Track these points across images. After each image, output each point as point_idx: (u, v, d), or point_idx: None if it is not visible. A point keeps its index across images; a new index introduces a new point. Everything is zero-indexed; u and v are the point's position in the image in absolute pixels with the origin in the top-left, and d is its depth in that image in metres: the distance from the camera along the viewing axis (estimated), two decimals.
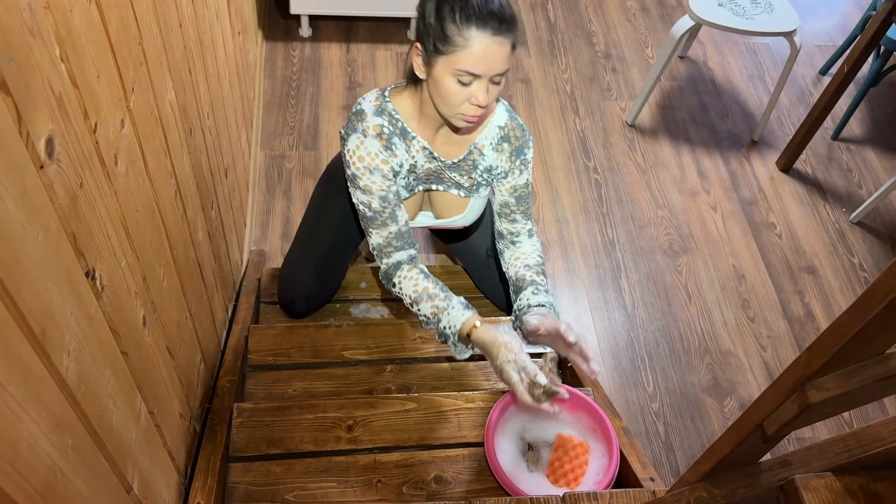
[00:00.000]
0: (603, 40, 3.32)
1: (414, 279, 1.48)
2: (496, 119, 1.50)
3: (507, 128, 1.50)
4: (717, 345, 2.33)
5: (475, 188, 1.57)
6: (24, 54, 0.64)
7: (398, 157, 1.46)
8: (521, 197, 1.55)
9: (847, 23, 3.55)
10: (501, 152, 1.51)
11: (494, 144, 1.50)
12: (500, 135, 1.50)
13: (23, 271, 0.63)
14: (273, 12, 3.20)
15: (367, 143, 1.41)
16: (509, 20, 1.25)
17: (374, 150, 1.42)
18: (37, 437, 0.66)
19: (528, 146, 1.52)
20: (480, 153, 1.51)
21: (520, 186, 1.54)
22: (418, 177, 1.54)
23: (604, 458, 1.49)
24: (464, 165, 1.52)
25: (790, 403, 0.80)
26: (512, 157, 1.51)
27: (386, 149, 1.43)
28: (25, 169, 0.64)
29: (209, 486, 1.33)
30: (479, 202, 1.62)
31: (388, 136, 1.43)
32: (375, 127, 1.42)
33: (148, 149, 1.08)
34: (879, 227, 2.71)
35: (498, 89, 1.32)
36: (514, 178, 1.53)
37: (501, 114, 1.50)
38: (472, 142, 1.50)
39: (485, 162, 1.52)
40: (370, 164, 1.42)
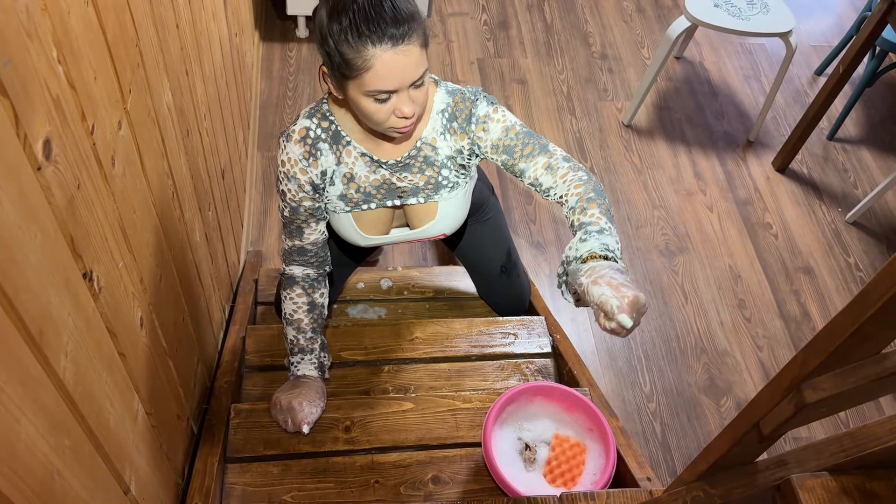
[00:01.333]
0: (599, 41, 3.32)
1: (295, 304, 1.51)
2: (436, 106, 1.35)
3: (450, 106, 1.34)
4: (714, 345, 2.33)
5: (436, 188, 1.42)
6: (22, 56, 0.64)
7: (320, 165, 1.35)
8: (510, 148, 1.32)
9: (842, 23, 3.56)
10: (454, 132, 1.36)
11: (444, 131, 1.36)
12: (445, 118, 1.35)
13: (20, 273, 0.63)
14: (270, 13, 3.20)
15: (289, 148, 1.33)
16: (407, 21, 1.11)
17: (294, 156, 1.33)
18: (34, 438, 0.66)
19: (477, 104, 1.33)
20: (432, 147, 1.37)
21: (498, 140, 1.33)
22: (366, 192, 1.41)
23: (601, 457, 1.50)
24: (413, 164, 1.38)
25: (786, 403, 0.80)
26: (465, 127, 1.34)
27: (307, 156, 1.33)
28: (23, 171, 0.64)
29: (206, 486, 1.33)
30: (452, 204, 1.45)
31: (313, 140, 1.33)
32: (301, 130, 1.33)
33: (145, 150, 1.08)
34: (875, 227, 2.71)
35: (422, 90, 1.20)
36: (488, 138, 1.33)
37: (441, 98, 1.35)
38: (418, 138, 1.36)
39: (441, 154, 1.38)
40: (288, 171, 1.35)
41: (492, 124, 1.32)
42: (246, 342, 1.78)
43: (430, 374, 1.77)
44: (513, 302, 1.97)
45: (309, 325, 1.52)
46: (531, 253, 2.49)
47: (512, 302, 1.97)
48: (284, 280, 1.51)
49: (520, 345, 1.86)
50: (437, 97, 1.35)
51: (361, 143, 1.34)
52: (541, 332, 1.90)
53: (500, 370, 1.81)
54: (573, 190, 1.28)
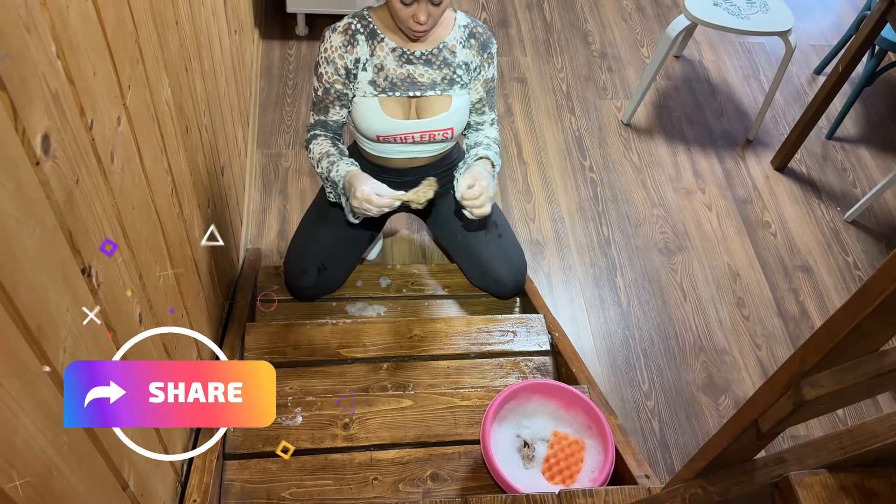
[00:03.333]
0: (599, 40, 3.32)
1: (321, 143, 1.72)
2: (459, 20, 1.68)
3: (471, 25, 1.68)
4: (712, 343, 2.33)
5: (451, 83, 1.70)
6: (20, 50, 0.64)
7: (356, 52, 1.62)
8: (491, 90, 1.76)
9: (842, 23, 3.56)
10: (471, 48, 1.68)
11: (463, 41, 1.67)
12: (466, 32, 1.68)
13: (18, 267, 0.63)
14: (270, 11, 3.20)
15: (333, 37, 1.63)
16: None
17: (336, 43, 1.62)
18: (32, 433, 0.66)
19: (492, 41, 1.71)
20: (451, 52, 1.67)
21: (489, 80, 1.73)
22: (392, 81, 1.66)
23: (599, 455, 1.50)
24: (434, 60, 1.66)
25: (785, 400, 0.80)
26: (480, 51, 1.69)
27: (346, 44, 1.62)
28: (21, 165, 0.64)
29: (205, 483, 1.33)
30: (462, 101, 1.72)
31: (353, 32, 1.62)
32: (345, 25, 1.63)
33: (144, 146, 1.08)
34: (874, 226, 2.72)
35: (440, 10, 1.50)
36: (485, 72, 1.72)
37: (462, 17, 1.69)
38: (442, 39, 1.66)
39: (457, 58, 1.68)
40: (329, 56, 1.63)
41: (492, 65, 1.72)
42: (245, 339, 1.78)
43: (429, 371, 1.77)
44: (504, 265, 1.96)
45: (336, 151, 1.71)
46: (531, 251, 2.49)
47: (503, 265, 1.96)
48: (309, 139, 1.75)
49: (519, 342, 1.86)
50: (459, 16, 1.69)
51: (394, 40, 1.63)
52: (540, 330, 1.90)
53: (499, 368, 1.81)
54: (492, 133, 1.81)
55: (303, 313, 2.06)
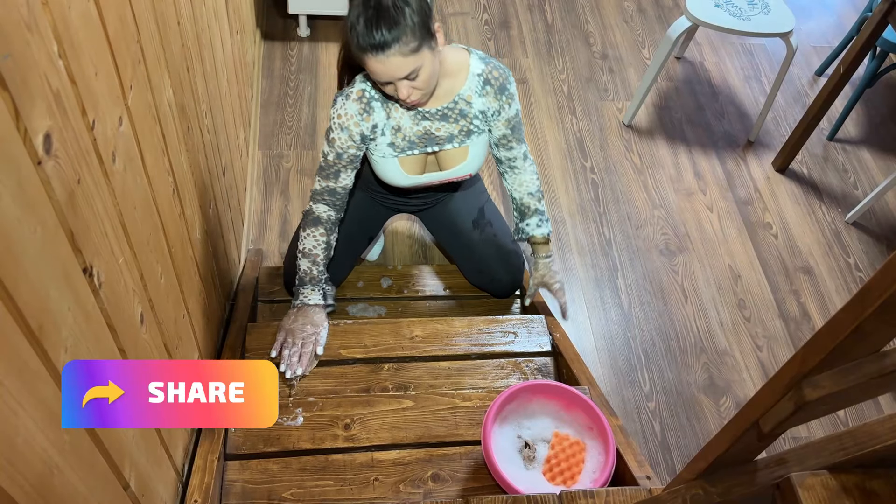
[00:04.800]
0: (600, 41, 3.32)
1: (316, 241, 1.73)
2: (473, 69, 1.64)
3: (485, 72, 1.64)
4: (713, 344, 2.33)
5: (468, 134, 1.70)
6: (22, 50, 0.64)
7: (372, 119, 1.61)
8: (516, 126, 1.74)
9: (843, 24, 3.56)
10: (487, 95, 1.66)
11: (479, 90, 1.65)
12: (481, 81, 1.64)
13: (19, 266, 0.63)
14: (271, 12, 3.20)
15: (347, 104, 1.59)
16: (390, 43, 1.37)
17: (352, 111, 1.59)
18: (33, 432, 0.66)
19: (509, 81, 1.67)
20: (467, 102, 1.65)
21: (512, 117, 1.71)
22: (410, 140, 1.67)
23: (600, 456, 1.50)
24: (451, 114, 1.66)
25: (786, 401, 0.80)
26: (497, 95, 1.66)
27: (362, 112, 1.60)
28: (23, 164, 0.64)
29: (206, 483, 1.33)
30: (477, 149, 1.74)
31: (368, 99, 1.59)
32: (358, 91, 1.59)
33: (146, 147, 1.08)
34: (875, 228, 2.71)
35: (421, 79, 1.46)
36: (506, 112, 1.69)
37: (476, 63, 1.64)
38: (457, 93, 1.64)
39: (474, 108, 1.67)
40: (343, 123, 1.60)
41: (514, 103, 1.69)
42: (246, 340, 1.78)
43: (429, 372, 1.77)
44: (500, 264, 2.01)
45: (323, 260, 1.76)
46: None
47: (499, 264, 2.00)
48: (309, 219, 1.74)
49: (519, 343, 1.86)
50: (473, 62, 1.64)
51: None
52: (540, 331, 1.90)
53: (500, 369, 1.81)
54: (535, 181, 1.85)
55: None
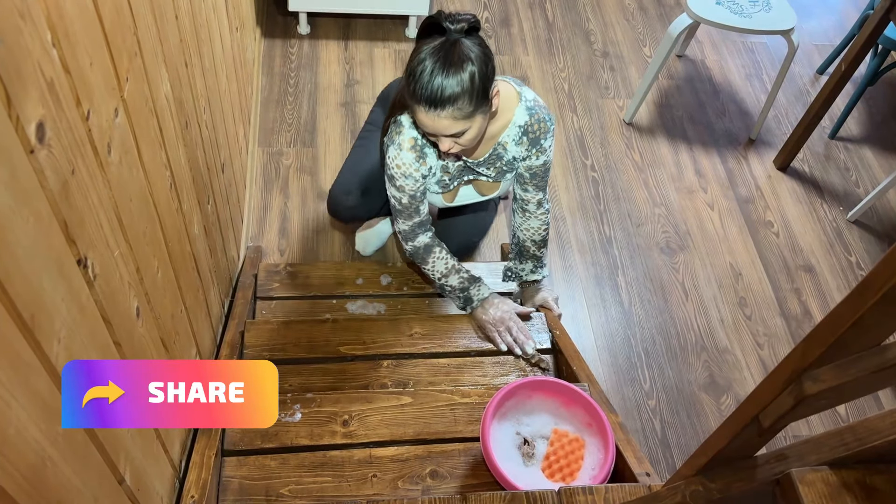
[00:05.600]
0: (601, 39, 3.32)
1: (445, 259, 1.87)
2: (517, 119, 1.69)
3: (527, 125, 1.69)
4: (714, 342, 2.32)
5: (501, 173, 1.82)
6: (14, 37, 0.63)
7: (428, 163, 1.70)
8: (536, 174, 1.80)
9: (845, 22, 3.55)
10: (522, 144, 1.72)
11: (516, 140, 1.72)
12: (521, 132, 1.70)
13: (12, 256, 0.63)
14: (271, 9, 3.20)
15: (403, 155, 1.67)
16: (446, 101, 1.42)
17: (408, 160, 1.68)
18: (25, 423, 0.66)
19: (546, 137, 1.72)
20: (504, 148, 1.73)
21: (535, 166, 1.78)
22: (452, 175, 1.79)
23: (599, 452, 1.49)
24: (489, 161, 1.76)
25: (786, 395, 0.79)
26: (529, 147, 1.73)
27: (418, 158, 1.68)
28: (15, 153, 0.64)
29: (203, 479, 1.32)
30: (508, 183, 1.89)
31: (420, 146, 1.67)
32: (410, 140, 1.66)
33: (142, 139, 1.07)
34: (876, 226, 2.71)
35: (466, 137, 1.51)
36: (531, 161, 1.76)
37: (521, 114, 1.69)
38: (497, 140, 1.72)
39: (508, 154, 1.75)
40: (406, 172, 1.69)
41: (542, 156, 1.76)
42: (245, 337, 1.78)
43: (429, 369, 1.77)
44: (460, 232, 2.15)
45: (457, 266, 1.89)
46: None
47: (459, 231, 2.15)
48: (422, 251, 1.86)
49: None
50: (518, 112, 1.69)
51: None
52: (540, 328, 1.89)
53: (499, 366, 1.81)
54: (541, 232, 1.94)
55: (303, 311, 2.05)
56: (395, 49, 3.09)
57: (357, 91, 2.90)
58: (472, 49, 1.42)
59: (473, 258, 2.42)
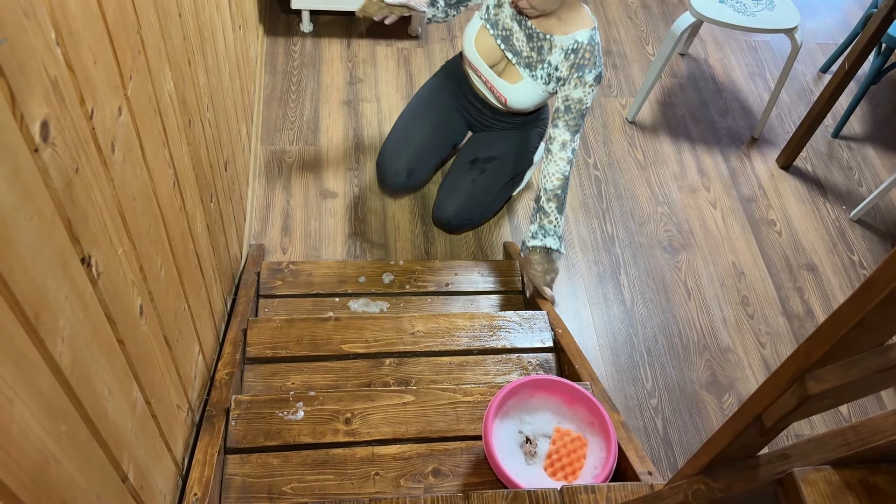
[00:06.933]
0: (604, 37, 3.31)
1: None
2: (579, 35, 1.80)
3: (582, 46, 1.80)
4: (716, 341, 2.32)
5: (529, 66, 1.88)
6: (18, 35, 0.63)
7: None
8: (569, 108, 1.84)
9: (848, 20, 3.54)
10: (567, 60, 1.81)
11: (566, 50, 1.81)
12: (574, 47, 1.80)
13: (15, 254, 0.63)
14: (274, 7, 3.20)
15: None
16: None
17: None
18: (29, 421, 0.66)
19: (592, 71, 1.80)
20: (551, 49, 1.83)
21: (572, 98, 1.83)
22: (496, 20, 1.90)
23: (602, 451, 1.49)
24: (534, 40, 1.85)
25: (789, 395, 0.79)
26: (572, 69, 1.81)
27: None
28: (19, 151, 0.64)
29: (206, 477, 1.32)
30: (527, 88, 1.92)
31: None
32: None
33: (146, 138, 1.07)
34: (879, 225, 2.70)
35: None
36: (569, 89, 1.82)
37: (584, 34, 1.80)
38: (553, 34, 1.82)
39: (551, 58, 1.84)
40: None
41: (580, 88, 1.82)
42: (247, 334, 1.78)
43: (431, 367, 1.77)
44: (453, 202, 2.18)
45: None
46: None
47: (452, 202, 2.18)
48: None
49: (521, 339, 1.86)
50: (583, 32, 1.81)
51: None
52: (542, 327, 1.89)
53: (502, 364, 1.81)
54: (553, 180, 1.90)
55: (305, 309, 2.06)
56: (398, 47, 3.09)
57: (359, 89, 2.90)
58: None
59: (475, 256, 2.42)
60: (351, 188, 2.57)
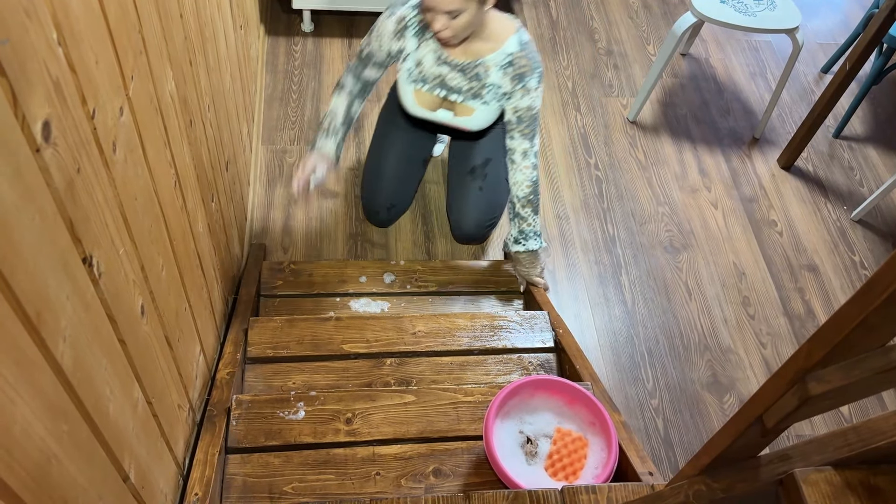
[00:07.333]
0: (605, 37, 3.31)
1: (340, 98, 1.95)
2: (508, 47, 1.76)
3: (515, 55, 1.76)
4: (717, 341, 2.32)
5: (475, 96, 1.85)
6: (20, 35, 0.63)
7: (401, 44, 1.82)
8: (521, 118, 1.82)
9: (849, 21, 3.54)
10: (506, 75, 1.78)
11: (501, 66, 1.77)
12: (508, 60, 1.77)
13: (17, 254, 0.63)
14: (275, 7, 3.20)
15: (387, 22, 1.81)
16: None
17: (389, 29, 1.81)
18: (31, 421, 0.66)
19: (533, 75, 1.77)
20: (487, 71, 1.79)
21: (521, 108, 1.81)
22: (425, 76, 1.87)
23: (602, 451, 1.49)
24: (468, 72, 1.81)
25: (790, 395, 0.79)
26: (514, 81, 1.77)
27: (396, 33, 1.80)
28: (21, 151, 0.64)
29: (207, 477, 1.32)
30: (483, 114, 1.90)
31: (405, 27, 1.79)
32: (400, 15, 1.79)
33: (147, 138, 1.08)
34: (880, 225, 2.70)
35: (460, 21, 1.61)
36: (516, 101, 1.80)
37: (513, 43, 1.76)
38: (482, 57, 1.79)
39: (489, 79, 1.80)
40: (380, 34, 1.83)
41: (527, 98, 1.79)
42: (248, 334, 1.78)
43: (432, 367, 1.77)
44: (469, 213, 2.16)
45: (342, 118, 1.96)
46: None
47: (468, 213, 2.16)
48: (336, 88, 1.98)
49: (522, 339, 1.86)
50: (511, 41, 1.77)
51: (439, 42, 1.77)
52: (543, 327, 1.89)
53: (503, 364, 1.81)
54: (523, 188, 1.91)
55: (306, 308, 2.06)
56: None
57: None
58: None
59: (475, 256, 2.42)
60: (352, 188, 2.57)
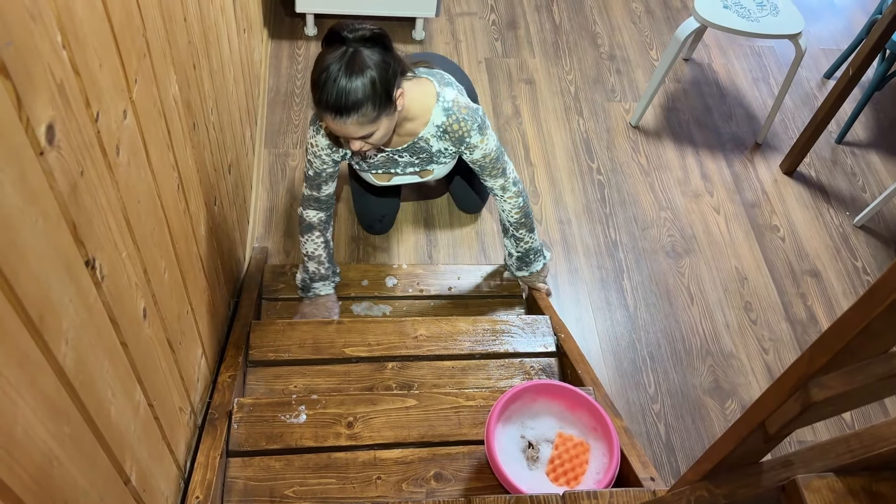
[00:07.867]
0: (608, 42, 3.31)
1: (316, 244, 1.94)
2: (434, 118, 1.74)
3: (445, 125, 1.75)
4: (719, 347, 2.32)
5: (429, 161, 1.88)
6: (25, 38, 0.64)
7: (340, 151, 1.79)
8: (483, 166, 1.84)
9: (852, 26, 3.54)
10: (445, 140, 1.78)
11: (438, 136, 1.77)
12: (440, 131, 1.76)
13: (20, 256, 0.63)
14: (279, 11, 3.20)
15: (318, 138, 1.76)
16: (350, 108, 1.48)
17: (322, 144, 1.77)
18: (32, 423, 0.66)
19: (471, 133, 1.75)
20: (426, 142, 1.79)
21: (476, 160, 1.82)
22: (375, 165, 1.89)
23: (604, 457, 1.49)
24: (411, 151, 1.83)
25: (793, 402, 0.79)
26: (456, 144, 1.78)
27: (330, 145, 1.76)
28: (25, 154, 0.64)
29: (208, 480, 1.32)
30: (442, 168, 1.93)
31: (336, 136, 1.73)
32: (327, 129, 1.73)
33: (150, 141, 1.08)
34: (883, 231, 2.70)
35: (374, 138, 1.59)
36: (468, 156, 1.82)
37: (438, 115, 1.74)
38: (417, 135, 1.78)
39: (433, 147, 1.81)
40: (316, 153, 1.79)
41: (477, 151, 1.79)
42: (250, 337, 1.78)
43: (433, 371, 1.77)
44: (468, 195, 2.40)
45: (326, 258, 1.97)
46: None
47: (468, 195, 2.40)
48: (304, 226, 1.94)
49: (524, 343, 1.85)
50: (435, 112, 1.74)
51: None
52: (545, 332, 1.89)
53: (504, 368, 1.81)
54: (513, 215, 1.94)
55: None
56: (401, 51, 3.08)
57: None
58: (371, 57, 1.50)
59: (477, 260, 2.42)
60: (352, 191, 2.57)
